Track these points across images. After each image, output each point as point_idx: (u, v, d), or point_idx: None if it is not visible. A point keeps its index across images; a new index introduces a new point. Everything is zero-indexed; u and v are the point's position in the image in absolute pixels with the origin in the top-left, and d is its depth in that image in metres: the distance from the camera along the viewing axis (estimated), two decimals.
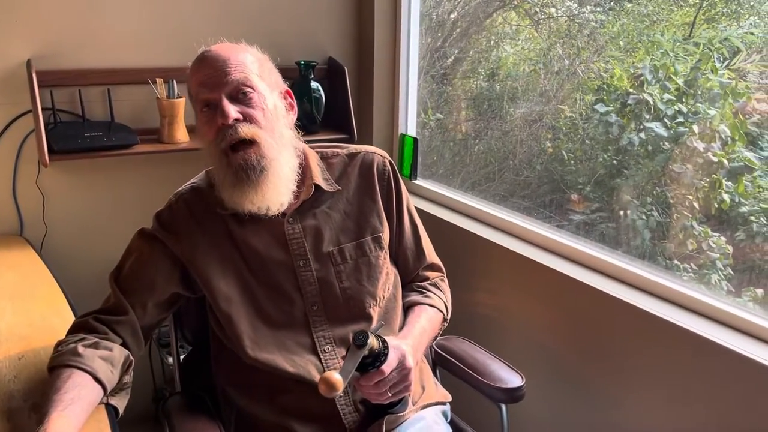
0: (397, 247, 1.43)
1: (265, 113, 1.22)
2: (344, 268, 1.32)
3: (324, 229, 1.32)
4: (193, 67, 1.25)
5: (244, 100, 1.21)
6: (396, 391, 1.17)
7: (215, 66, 1.21)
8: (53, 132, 1.88)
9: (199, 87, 1.22)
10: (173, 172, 2.13)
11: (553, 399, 1.73)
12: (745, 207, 1.84)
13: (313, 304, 1.29)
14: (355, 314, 1.31)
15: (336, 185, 1.35)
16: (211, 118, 1.21)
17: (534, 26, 2.51)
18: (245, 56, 1.24)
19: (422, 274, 1.47)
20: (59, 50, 1.92)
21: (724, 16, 1.98)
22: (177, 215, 1.30)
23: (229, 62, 1.21)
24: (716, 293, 1.54)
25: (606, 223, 2.15)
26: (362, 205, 1.37)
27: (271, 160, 1.21)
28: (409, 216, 1.45)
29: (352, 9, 2.33)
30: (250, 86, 1.21)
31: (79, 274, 1.93)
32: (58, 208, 2.02)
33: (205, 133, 1.23)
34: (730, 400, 1.34)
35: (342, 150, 1.41)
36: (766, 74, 1.80)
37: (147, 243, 1.30)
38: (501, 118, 2.51)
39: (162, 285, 1.28)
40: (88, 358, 1.13)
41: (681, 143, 1.91)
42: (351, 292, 1.31)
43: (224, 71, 1.20)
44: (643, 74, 2.02)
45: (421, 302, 1.41)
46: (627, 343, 1.54)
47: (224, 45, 1.27)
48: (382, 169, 1.40)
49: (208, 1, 2.09)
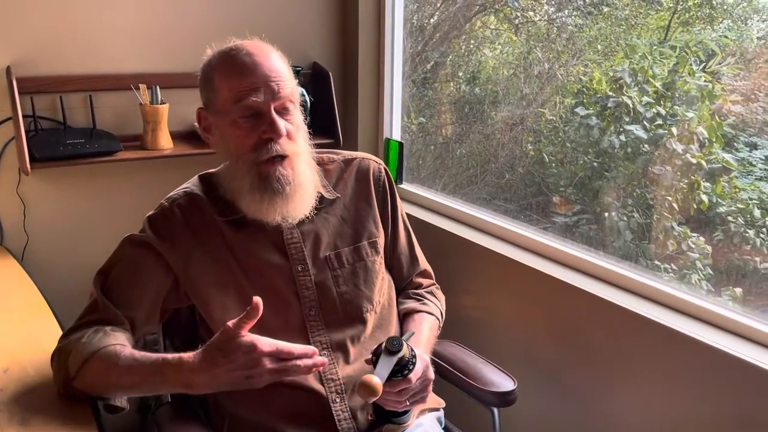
0: (391, 253, 1.44)
1: (299, 129, 1.24)
2: (341, 272, 1.32)
3: (322, 234, 1.32)
4: (235, 67, 1.20)
5: (286, 115, 1.21)
6: (414, 399, 1.18)
7: (268, 75, 1.19)
8: (34, 139, 1.85)
9: (245, 92, 1.18)
10: (157, 178, 2.12)
11: (545, 401, 1.75)
12: (722, 207, 1.88)
13: (310, 308, 1.29)
14: (352, 319, 1.31)
15: (334, 192, 1.36)
16: (252, 126, 1.19)
17: (513, 30, 2.54)
18: (286, 68, 1.23)
19: (416, 281, 1.48)
20: (40, 57, 1.90)
21: (699, 19, 2.02)
22: (171, 221, 1.28)
23: (280, 73, 1.20)
24: (696, 292, 1.56)
25: (588, 224, 2.17)
26: (359, 211, 1.38)
27: (300, 174, 1.23)
28: (403, 222, 1.47)
29: (337, 14, 2.34)
30: (293, 102, 1.22)
31: (62, 284, 1.90)
32: (40, 216, 1.99)
33: (240, 138, 1.20)
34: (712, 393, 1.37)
35: (338, 156, 1.42)
36: (740, 77, 1.84)
37: (138, 251, 1.27)
38: (482, 121, 2.53)
39: (153, 297, 1.26)
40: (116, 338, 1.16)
41: (660, 145, 1.94)
42: (348, 297, 1.31)
43: (276, 83, 1.19)
44: (622, 77, 2.05)
45: (420, 310, 1.42)
46: (614, 343, 1.56)
47: (263, 48, 1.23)
48: (377, 176, 1.42)
49: (191, 7, 2.08)
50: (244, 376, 1.05)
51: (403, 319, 1.42)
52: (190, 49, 2.08)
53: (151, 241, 1.26)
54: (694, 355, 1.38)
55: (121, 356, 1.11)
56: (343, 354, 1.29)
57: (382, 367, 1.09)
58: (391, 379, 1.12)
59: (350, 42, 2.32)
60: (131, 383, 1.12)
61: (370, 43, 2.30)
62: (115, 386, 1.13)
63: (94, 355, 1.12)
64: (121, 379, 1.11)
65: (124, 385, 1.13)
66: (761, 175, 1.86)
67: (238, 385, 1.06)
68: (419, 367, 1.16)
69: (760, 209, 1.80)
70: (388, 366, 1.09)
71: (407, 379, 1.13)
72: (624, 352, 1.54)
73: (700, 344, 1.37)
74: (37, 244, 2.00)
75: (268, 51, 1.23)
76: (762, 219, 1.79)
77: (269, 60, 1.21)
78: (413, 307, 1.42)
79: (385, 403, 1.17)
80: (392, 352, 1.10)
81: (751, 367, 1.28)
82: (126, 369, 1.10)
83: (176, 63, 2.07)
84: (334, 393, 1.25)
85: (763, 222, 1.78)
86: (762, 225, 1.79)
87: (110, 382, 1.12)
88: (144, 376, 1.10)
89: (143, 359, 1.11)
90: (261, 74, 1.18)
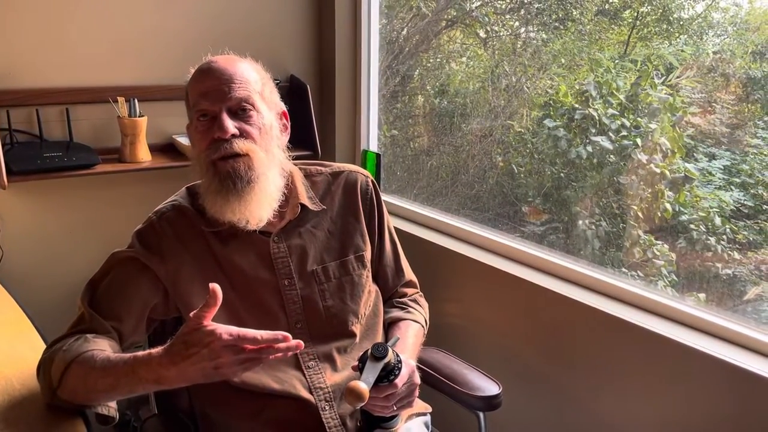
0: (377, 265, 1.45)
1: (261, 131, 1.23)
2: (328, 286, 1.33)
3: (309, 248, 1.33)
4: (197, 76, 1.24)
5: (243, 116, 1.22)
6: (401, 404, 1.20)
7: (221, 79, 1.21)
8: (10, 153, 1.83)
9: (199, 96, 1.22)
10: (136, 191, 2.12)
11: (530, 404, 1.78)
12: (685, 215, 1.94)
13: (297, 322, 1.30)
14: (338, 332, 1.32)
15: (320, 204, 1.37)
16: (207, 129, 1.21)
17: (481, 44, 2.59)
18: (251, 74, 1.25)
19: (400, 291, 1.50)
20: (16, 69, 1.88)
21: (656, 34, 2.09)
22: (160, 235, 1.28)
23: (234, 78, 1.22)
24: None
25: (556, 234, 2.22)
26: (346, 224, 1.39)
27: (259, 175, 1.22)
28: (389, 235, 1.48)
29: (314, 28, 2.36)
30: (251, 104, 1.23)
31: (38, 297, 1.87)
32: (15, 230, 1.97)
33: (198, 141, 1.23)
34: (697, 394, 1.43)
35: (325, 168, 1.43)
36: (698, 89, 1.91)
37: (126, 265, 1.26)
38: (452, 133, 2.57)
39: (140, 309, 1.25)
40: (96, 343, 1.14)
41: (625, 156, 2.00)
42: (334, 311, 1.32)
43: (229, 86, 1.21)
44: (588, 90, 2.11)
45: (404, 318, 1.44)
46: (596, 346, 1.61)
47: (231, 58, 1.27)
48: (365, 189, 1.43)
49: (169, 21, 2.09)
50: (211, 367, 1.01)
51: (388, 328, 1.44)
52: (169, 62, 2.12)
53: (139, 255, 1.26)
54: (675, 357, 1.43)
55: (97, 360, 1.10)
56: (330, 363, 1.30)
57: (368, 372, 1.11)
58: (377, 385, 1.13)
59: (327, 55, 2.35)
60: (107, 385, 1.09)
61: (346, 56, 2.33)
62: (94, 390, 1.11)
63: (74, 361, 1.11)
64: (98, 382, 1.09)
65: (102, 389, 1.10)
66: (720, 184, 1.92)
67: (209, 376, 1.02)
68: (405, 372, 1.18)
69: (720, 217, 1.86)
70: (374, 372, 1.11)
71: (393, 384, 1.15)
72: (605, 354, 1.59)
73: (680, 345, 1.42)
74: (12, 258, 1.97)
75: (232, 60, 1.26)
76: (722, 226, 1.85)
77: (228, 66, 1.24)
78: (398, 316, 1.44)
79: (373, 408, 1.19)
80: (378, 358, 1.12)
81: (733, 368, 1.33)
82: (101, 371, 1.08)
83: (155, 76, 2.08)
84: (323, 401, 1.26)
85: (724, 229, 1.85)
86: (722, 233, 1.85)
87: (89, 387, 1.10)
88: (118, 377, 1.07)
89: (116, 359, 1.09)
90: (214, 78, 1.22)
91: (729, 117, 1.90)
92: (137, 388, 1.09)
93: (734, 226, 1.85)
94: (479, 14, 2.49)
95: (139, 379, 1.06)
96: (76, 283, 1.27)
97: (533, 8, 2.36)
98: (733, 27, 1.86)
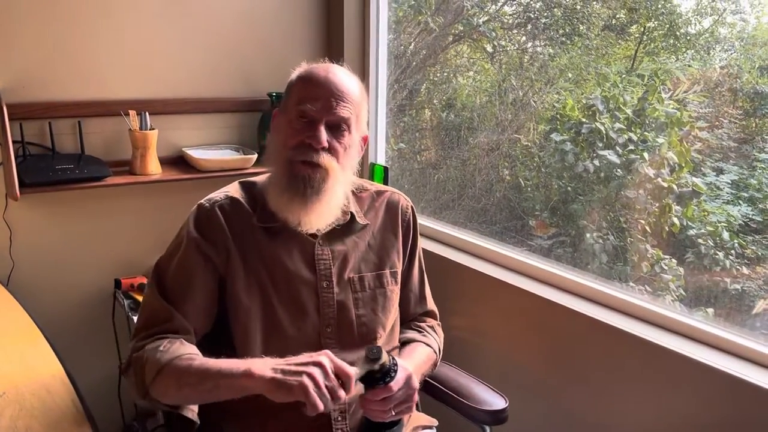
0: (402, 288, 1.47)
1: (346, 151, 1.27)
2: (362, 296, 1.36)
3: (350, 256, 1.36)
4: (312, 78, 1.28)
5: (337, 133, 1.26)
6: (399, 410, 1.20)
7: (333, 92, 1.25)
8: (23, 165, 1.85)
9: (307, 99, 1.25)
10: (146, 203, 2.14)
11: (535, 418, 1.78)
12: (693, 230, 1.94)
13: (328, 325, 1.32)
14: (365, 342, 1.33)
15: (365, 218, 1.41)
16: (301, 129, 1.25)
17: (488, 59, 2.61)
18: (356, 95, 1.29)
19: (420, 318, 1.52)
20: (29, 83, 1.90)
21: (663, 49, 2.10)
22: (213, 222, 1.30)
23: (344, 96, 1.26)
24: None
25: (563, 247, 2.22)
26: (385, 240, 1.42)
27: (328, 189, 1.26)
28: (419, 261, 1.51)
29: (323, 41, 2.39)
30: (348, 125, 1.27)
31: (48, 308, 1.89)
32: (27, 242, 1.98)
33: (287, 136, 1.26)
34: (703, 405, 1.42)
35: (371, 186, 1.47)
36: (705, 104, 1.92)
37: (192, 255, 1.27)
38: (459, 147, 2.58)
39: (209, 303, 1.28)
40: (187, 347, 1.18)
41: (633, 170, 2.01)
42: (365, 320, 1.35)
43: (338, 101, 1.25)
44: (595, 104, 2.12)
45: (419, 339, 1.45)
46: (604, 360, 1.61)
47: (345, 72, 1.31)
48: (405, 211, 1.47)
49: (180, 34, 2.11)
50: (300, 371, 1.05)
51: (401, 347, 1.45)
52: (180, 76, 2.14)
53: (199, 243, 1.27)
54: (683, 371, 1.43)
55: (194, 364, 1.13)
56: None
57: (360, 367, 1.12)
58: (373, 387, 1.15)
59: None
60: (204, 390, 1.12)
61: (355, 70, 2.30)
62: (188, 395, 1.16)
63: (170, 363, 1.14)
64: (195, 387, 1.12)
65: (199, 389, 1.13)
66: (728, 198, 1.93)
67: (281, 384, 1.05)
68: (401, 377, 1.18)
69: (729, 232, 1.86)
70: (365, 367, 1.12)
71: (388, 387, 1.16)
72: (613, 368, 1.59)
73: (689, 360, 1.42)
74: (24, 269, 1.99)
75: (347, 76, 1.30)
76: (731, 241, 1.85)
77: (341, 81, 1.27)
78: (412, 337, 1.46)
79: (370, 412, 1.20)
80: (372, 359, 1.12)
81: (742, 383, 1.33)
82: (197, 376, 1.11)
83: (166, 90, 2.10)
84: (337, 412, 1.28)
85: (732, 244, 1.85)
86: (731, 247, 1.85)
87: (182, 390, 1.14)
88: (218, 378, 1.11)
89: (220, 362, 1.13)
90: (326, 89, 1.25)
91: (736, 132, 1.90)
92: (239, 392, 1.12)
93: (742, 240, 1.85)
94: (486, 29, 2.50)
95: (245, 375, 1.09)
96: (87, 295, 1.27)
97: (540, 23, 2.38)
98: (741, 42, 1.87)
